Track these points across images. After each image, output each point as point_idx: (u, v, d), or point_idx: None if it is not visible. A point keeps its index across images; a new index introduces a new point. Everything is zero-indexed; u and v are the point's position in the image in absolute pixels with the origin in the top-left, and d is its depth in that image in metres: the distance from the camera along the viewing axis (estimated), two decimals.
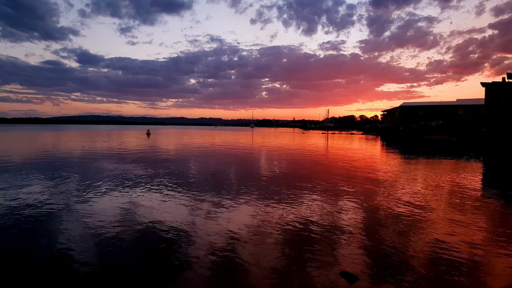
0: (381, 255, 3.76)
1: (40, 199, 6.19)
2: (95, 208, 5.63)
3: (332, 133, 64.54)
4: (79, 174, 9.36)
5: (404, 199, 6.55)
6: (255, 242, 4.14)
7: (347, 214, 5.45)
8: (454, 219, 5.21)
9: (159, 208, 5.74)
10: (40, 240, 4.15)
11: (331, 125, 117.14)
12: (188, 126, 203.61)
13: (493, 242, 4.21)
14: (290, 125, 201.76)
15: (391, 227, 4.80)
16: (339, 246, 4.03)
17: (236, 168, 11.34)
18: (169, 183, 8.05)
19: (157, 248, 3.91)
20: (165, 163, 12.34)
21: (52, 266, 3.41)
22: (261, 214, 5.43)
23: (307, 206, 5.98)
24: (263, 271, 3.33)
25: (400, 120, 55.28)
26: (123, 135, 41.96)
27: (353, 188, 7.70)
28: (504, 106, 34.41)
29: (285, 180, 8.90)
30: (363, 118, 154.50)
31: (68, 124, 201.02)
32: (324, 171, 10.71)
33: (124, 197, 6.48)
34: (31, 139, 27.84)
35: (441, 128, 41.57)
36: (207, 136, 40.84)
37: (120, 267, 3.42)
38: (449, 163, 13.50)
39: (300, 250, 3.89)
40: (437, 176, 9.78)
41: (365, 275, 3.24)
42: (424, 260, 3.62)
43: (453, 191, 7.52)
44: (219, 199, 6.46)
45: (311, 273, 3.30)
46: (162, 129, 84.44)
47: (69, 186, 7.50)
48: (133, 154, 15.67)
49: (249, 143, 27.73)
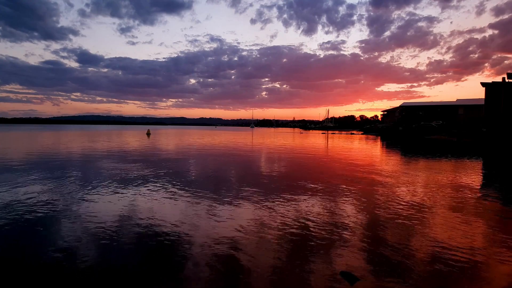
0: (382, 255, 3.75)
1: (40, 199, 6.18)
2: (95, 208, 5.63)
3: (332, 133, 64.53)
4: (80, 174, 9.36)
5: (404, 200, 6.55)
6: (255, 242, 4.13)
7: (347, 214, 5.44)
8: (454, 219, 5.21)
9: (160, 208, 5.74)
10: (40, 240, 4.14)
11: (331, 125, 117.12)
12: (188, 126, 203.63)
13: (494, 243, 4.21)
14: (290, 125, 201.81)
15: (391, 227, 4.79)
16: (339, 246, 4.03)
17: (236, 168, 11.34)
18: (170, 183, 8.04)
19: (157, 248, 3.91)
20: (165, 163, 12.33)
21: (52, 266, 3.41)
22: (261, 213, 5.43)
23: (307, 205, 5.98)
24: (263, 271, 3.33)
25: (400, 120, 55.28)
26: (123, 135, 41.96)
27: (353, 188, 7.69)
28: (504, 106, 34.40)
29: (285, 180, 8.90)
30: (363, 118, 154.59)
31: (68, 124, 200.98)
32: (324, 171, 10.70)
33: (125, 197, 6.47)
34: (32, 139, 27.83)
35: (441, 128, 41.57)
36: (207, 136, 40.83)
37: (120, 267, 3.41)
38: (449, 163, 13.50)
39: (300, 250, 3.89)
40: (437, 176, 9.77)
41: (365, 276, 3.24)
42: (425, 261, 3.62)
43: (453, 191, 7.51)
44: (219, 199, 6.46)
45: (311, 273, 3.30)
46: (162, 129, 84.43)
47: (70, 186, 7.49)
48: (134, 154, 15.67)
49: (249, 143, 27.72)
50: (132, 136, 37.22)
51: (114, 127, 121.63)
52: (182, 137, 37.28)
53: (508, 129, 28.43)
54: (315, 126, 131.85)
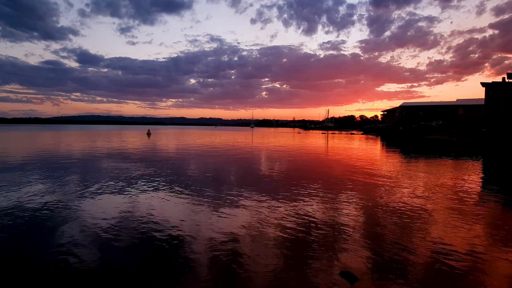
0: (382, 255, 3.77)
1: (41, 199, 6.20)
2: (96, 208, 5.64)
3: (332, 133, 64.52)
4: (81, 174, 9.37)
5: (404, 199, 6.56)
6: (255, 242, 4.15)
7: (348, 214, 5.46)
8: (454, 220, 5.22)
9: (160, 207, 5.75)
10: (41, 240, 4.15)
11: (331, 125, 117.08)
12: (188, 126, 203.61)
13: (494, 243, 4.22)
14: (290, 125, 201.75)
15: (391, 227, 4.80)
16: (339, 246, 4.04)
17: (237, 168, 11.35)
18: (170, 183, 8.06)
19: (157, 248, 3.92)
20: (166, 163, 12.35)
21: (52, 266, 3.42)
22: (261, 213, 5.44)
23: (307, 205, 5.99)
24: (263, 271, 3.34)
25: (400, 120, 55.29)
26: (124, 135, 41.96)
27: (353, 188, 7.71)
28: (504, 106, 34.41)
29: (285, 180, 8.91)
30: (363, 118, 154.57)
31: (68, 124, 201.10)
32: (324, 171, 10.71)
33: (125, 197, 6.49)
34: (33, 139, 27.84)
35: (441, 128, 41.58)
36: (207, 136, 40.84)
37: (121, 267, 3.42)
38: (449, 163, 13.51)
39: (300, 250, 3.90)
40: (438, 176, 9.79)
41: (365, 275, 3.25)
42: (424, 261, 3.63)
43: (453, 191, 7.53)
44: (220, 198, 6.47)
45: (311, 273, 3.32)
46: (162, 129, 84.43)
47: (71, 186, 7.51)
48: (135, 154, 15.68)
49: (249, 143, 27.73)
50: (132, 136, 37.24)
51: (114, 127, 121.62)
52: (182, 137, 37.29)
53: (508, 129, 28.44)
54: (315, 126, 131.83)
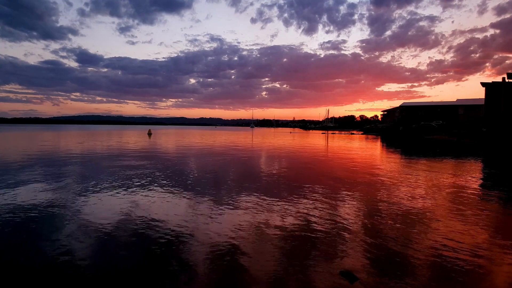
0: (382, 255, 3.79)
1: (41, 199, 6.21)
2: (96, 208, 5.66)
3: (332, 133, 64.50)
4: (81, 174, 9.39)
5: (405, 200, 6.58)
6: (255, 241, 4.17)
7: (348, 214, 5.48)
8: (455, 220, 5.24)
9: (160, 207, 5.77)
10: (41, 240, 4.17)
11: (331, 125, 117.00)
12: (188, 126, 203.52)
13: (494, 243, 4.24)
14: (290, 125, 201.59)
15: (391, 227, 4.83)
16: (339, 246, 4.06)
17: (237, 168, 11.37)
18: (171, 183, 8.08)
19: (157, 248, 3.94)
20: (167, 163, 12.36)
21: (52, 266, 3.44)
22: (261, 213, 5.46)
23: (307, 205, 6.01)
24: (263, 271, 3.36)
25: (400, 120, 55.28)
26: (125, 135, 41.97)
27: (353, 188, 7.73)
28: (504, 106, 34.41)
29: (285, 179, 8.93)
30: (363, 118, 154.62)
31: (68, 124, 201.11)
32: (324, 171, 10.73)
33: (126, 197, 6.51)
34: (33, 139, 27.86)
35: (441, 128, 41.57)
36: (207, 136, 40.86)
37: (121, 267, 3.44)
38: (449, 163, 13.52)
39: (300, 250, 3.92)
40: (438, 176, 9.80)
41: (365, 275, 3.27)
42: (425, 261, 3.65)
43: (453, 191, 7.55)
44: (220, 198, 6.49)
45: (311, 272, 3.34)
46: (162, 129, 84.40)
47: (72, 186, 7.52)
48: (136, 154, 15.70)
49: (249, 143, 27.75)
50: (133, 136, 37.24)
51: (115, 127, 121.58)
52: (182, 137, 37.29)
53: (508, 129, 28.43)
54: (315, 126, 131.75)
